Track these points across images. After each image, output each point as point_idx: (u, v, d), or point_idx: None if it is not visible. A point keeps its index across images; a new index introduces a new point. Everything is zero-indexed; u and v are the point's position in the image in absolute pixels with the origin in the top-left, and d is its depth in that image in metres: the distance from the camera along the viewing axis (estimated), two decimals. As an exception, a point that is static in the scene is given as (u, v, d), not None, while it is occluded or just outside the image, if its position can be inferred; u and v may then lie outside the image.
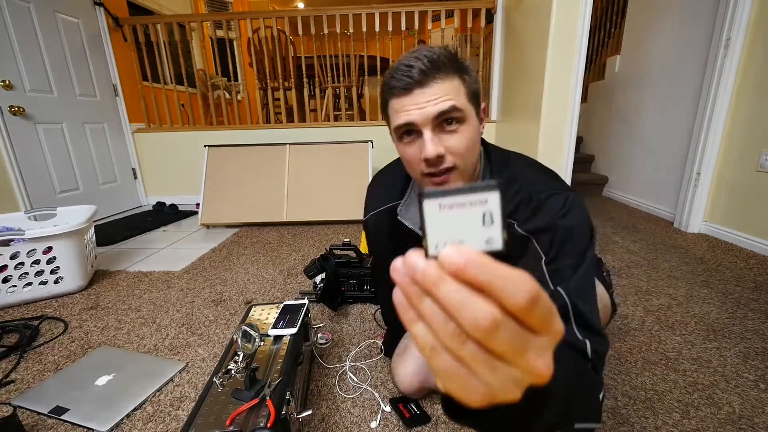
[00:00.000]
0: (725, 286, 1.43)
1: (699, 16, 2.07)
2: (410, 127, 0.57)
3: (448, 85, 0.55)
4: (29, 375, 1.03)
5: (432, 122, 0.55)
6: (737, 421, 0.81)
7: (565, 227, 0.55)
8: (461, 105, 0.55)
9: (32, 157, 2.30)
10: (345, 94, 3.34)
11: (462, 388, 0.18)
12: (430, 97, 0.54)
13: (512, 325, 0.17)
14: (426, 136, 0.55)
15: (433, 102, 0.54)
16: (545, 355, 0.18)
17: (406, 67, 0.54)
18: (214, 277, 1.65)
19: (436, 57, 0.54)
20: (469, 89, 0.58)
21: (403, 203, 0.73)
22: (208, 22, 2.95)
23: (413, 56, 0.55)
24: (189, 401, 0.92)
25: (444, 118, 0.55)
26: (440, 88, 0.54)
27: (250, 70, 3.36)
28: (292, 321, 0.87)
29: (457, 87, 0.56)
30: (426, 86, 0.54)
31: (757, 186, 1.75)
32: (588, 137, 3.43)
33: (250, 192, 2.49)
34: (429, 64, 0.54)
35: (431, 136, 0.55)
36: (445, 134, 0.56)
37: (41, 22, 2.33)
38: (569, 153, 1.93)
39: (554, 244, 0.54)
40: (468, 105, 0.57)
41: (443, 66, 0.54)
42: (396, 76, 0.56)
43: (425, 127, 0.56)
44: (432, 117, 0.54)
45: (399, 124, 0.57)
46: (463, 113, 0.56)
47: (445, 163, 0.57)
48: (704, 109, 1.95)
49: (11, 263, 1.37)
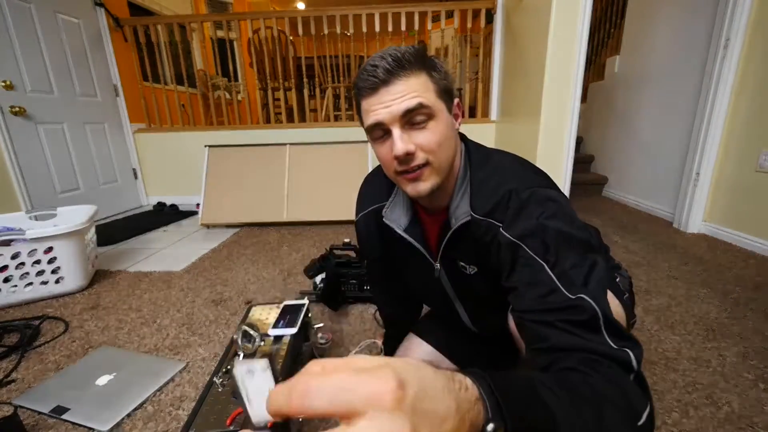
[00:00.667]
0: (724, 286, 1.43)
1: (698, 17, 2.07)
2: (380, 126, 0.56)
3: (414, 81, 0.54)
4: (30, 375, 1.04)
5: (400, 120, 0.55)
6: (736, 421, 0.82)
7: (555, 228, 0.51)
8: (429, 101, 0.55)
9: (33, 157, 2.30)
10: (345, 94, 3.35)
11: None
12: (395, 95, 0.54)
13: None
14: (395, 134, 0.55)
15: (400, 99, 0.54)
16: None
17: (371, 68, 0.54)
18: (215, 277, 1.66)
19: (401, 55, 0.54)
20: (438, 85, 0.57)
21: (389, 204, 0.72)
22: (208, 23, 2.95)
23: (379, 56, 0.55)
24: (189, 401, 0.92)
25: (412, 116, 0.55)
26: (406, 85, 0.54)
27: (250, 70, 3.37)
28: (292, 321, 0.88)
29: (425, 83, 0.55)
30: (391, 84, 0.54)
31: (757, 186, 1.75)
32: (588, 137, 3.44)
33: (251, 192, 2.49)
34: (393, 62, 0.53)
35: (400, 134, 0.55)
36: (414, 131, 0.56)
37: (42, 22, 2.33)
38: (569, 153, 1.94)
39: (549, 247, 0.50)
40: (437, 101, 0.56)
41: (408, 63, 0.54)
42: (362, 77, 0.55)
43: (393, 125, 0.55)
44: (399, 115, 0.54)
45: (369, 125, 0.57)
46: (431, 109, 0.55)
47: (416, 160, 0.56)
48: (703, 109, 1.95)
49: (12, 263, 1.37)
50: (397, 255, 0.78)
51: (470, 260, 0.65)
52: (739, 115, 1.83)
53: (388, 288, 0.94)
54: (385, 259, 0.83)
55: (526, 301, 0.50)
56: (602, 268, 0.50)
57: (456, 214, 0.62)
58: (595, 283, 0.48)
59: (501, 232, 0.55)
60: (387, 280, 0.91)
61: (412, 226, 0.70)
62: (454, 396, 0.23)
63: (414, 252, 0.70)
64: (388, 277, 0.90)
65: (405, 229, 0.69)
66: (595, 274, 0.49)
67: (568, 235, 0.51)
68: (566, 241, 0.51)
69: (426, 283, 0.76)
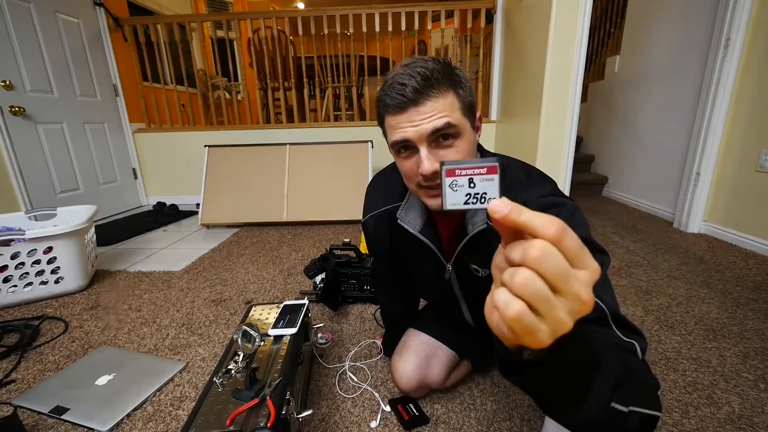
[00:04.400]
0: (725, 286, 1.43)
1: (699, 16, 2.07)
2: (407, 143, 0.58)
3: (442, 101, 0.55)
4: (30, 375, 1.04)
5: (427, 139, 0.56)
6: (737, 421, 0.81)
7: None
8: (456, 120, 0.56)
9: (33, 157, 2.30)
10: (345, 94, 3.35)
11: (529, 329, 0.24)
12: (424, 115, 0.55)
13: (555, 253, 0.23)
14: (422, 153, 0.56)
15: (428, 120, 0.55)
16: (586, 286, 0.25)
17: (399, 86, 0.55)
18: (215, 277, 1.66)
19: (429, 73, 0.55)
20: (463, 102, 0.58)
21: (403, 206, 0.74)
22: (208, 22, 2.95)
23: (407, 73, 0.55)
24: (189, 401, 0.92)
25: (439, 134, 0.56)
26: (434, 106, 0.55)
27: (250, 70, 3.36)
28: (292, 321, 0.87)
29: (452, 102, 0.56)
30: (420, 104, 0.55)
31: (757, 186, 1.75)
32: (588, 137, 3.43)
33: (250, 192, 2.49)
34: (423, 81, 0.54)
35: (427, 153, 0.56)
36: (441, 149, 0.57)
37: (41, 22, 2.33)
38: (569, 153, 1.93)
39: None
40: (462, 119, 0.58)
41: (436, 82, 0.55)
42: (390, 94, 0.56)
43: (421, 144, 0.56)
44: (427, 134, 0.55)
45: (395, 140, 0.59)
46: (457, 128, 0.56)
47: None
48: (704, 109, 1.95)
49: (12, 263, 1.37)
50: (408, 255, 0.80)
51: (483, 264, 0.67)
52: (740, 115, 1.83)
53: (394, 287, 0.97)
54: (394, 259, 0.85)
55: None
56: (607, 266, 0.53)
57: (473, 221, 0.65)
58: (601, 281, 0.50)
59: None
60: (393, 278, 0.94)
61: (427, 227, 0.71)
62: None
63: (426, 253, 0.72)
64: (394, 276, 0.92)
65: (420, 231, 0.70)
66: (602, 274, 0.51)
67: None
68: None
69: (435, 283, 0.78)
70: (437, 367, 0.87)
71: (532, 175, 0.67)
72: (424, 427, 0.82)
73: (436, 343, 0.91)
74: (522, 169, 0.68)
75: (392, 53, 2.88)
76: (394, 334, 1.02)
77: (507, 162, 0.70)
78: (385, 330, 1.12)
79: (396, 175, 0.77)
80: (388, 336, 1.06)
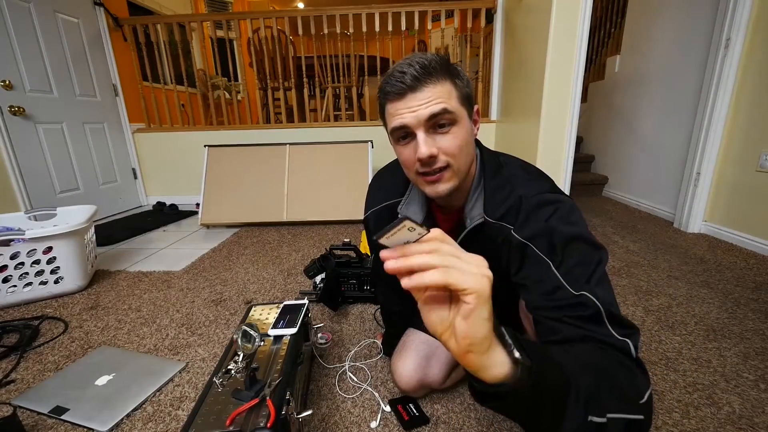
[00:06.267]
0: (725, 286, 1.43)
1: (699, 16, 2.07)
2: (405, 129, 0.60)
3: (440, 88, 0.57)
4: (29, 375, 1.04)
5: (425, 124, 0.58)
6: (737, 421, 0.81)
7: (560, 229, 0.56)
8: (453, 107, 0.58)
9: (32, 157, 2.30)
10: (345, 94, 3.34)
11: (457, 277, 0.33)
12: (422, 101, 0.57)
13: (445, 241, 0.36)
14: (419, 137, 0.58)
15: (425, 105, 0.57)
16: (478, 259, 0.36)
17: (399, 74, 0.58)
18: (214, 277, 1.65)
19: (428, 63, 0.57)
20: (461, 92, 0.60)
21: (404, 201, 0.75)
22: (208, 22, 2.94)
23: (406, 62, 0.58)
24: (189, 401, 0.92)
25: (436, 120, 0.58)
26: (432, 92, 0.57)
27: (250, 70, 3.36)
28: (292, 321, 0.87)
29: (449, 90, 0.58)
30: (418, 91, 0.57)
31: (757, 186, 1.75)
32: (588, 137, 3.43)
33: (250, 192, 2.49)
34: (421, 70, 0.57)
35: (424, 138, 0.58)
36: (438, 135, 0.59)
37: (41, 22, 2.33)
38: (569, 153, 1.93)
39: (555, 247, 0.55)
40: (460, 107, 0.60)
41: (434, 71, 0.57)
42: (390, 82, 0.59)
43: (418, 129, 0.58)
44: (424, 119, 0.57)
45: (394, 126, 0.60)
46: (454, 115, 0.58)
47: (438, 163, 0.60)
48: (704, 109, 1.95)
49: (11, 263, 1.37)
50: None
51: None
52: (740, 115, 1.83)
53: (394, 285, 0.95)
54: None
55: (535, 297, 0.56)
56: (605, 263, 0.55)
57: (471, 215, 0.67)
58: (597, 279, 0.53)
59: (512, 234, 0.61)
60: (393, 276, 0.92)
61: (428, 221, 0.73)
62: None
63: None
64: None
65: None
66: (598, 271, 0.54)
67: (573, 235, 0.56)
68: (571, 241, 0.55)
69: None
70: (437, 366, 0.87)
71: (531, 171, 0.69)
72: (424, 427, 0.82)
73: (436, 342, 0.91)
74: (521, 166, 0.70)
75: (392, 53, 2.88)
76: (394, 333, 1.01)
77: (505, 158, 0.72)
78: (385, 330, 1.12)
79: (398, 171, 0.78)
80: (388, 335, 1.06)
